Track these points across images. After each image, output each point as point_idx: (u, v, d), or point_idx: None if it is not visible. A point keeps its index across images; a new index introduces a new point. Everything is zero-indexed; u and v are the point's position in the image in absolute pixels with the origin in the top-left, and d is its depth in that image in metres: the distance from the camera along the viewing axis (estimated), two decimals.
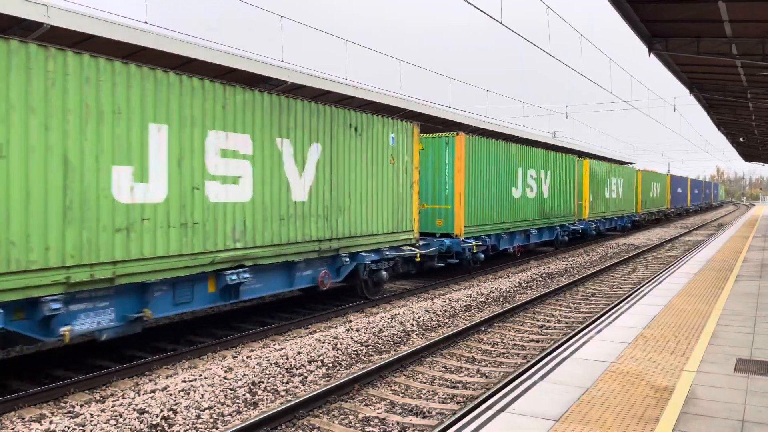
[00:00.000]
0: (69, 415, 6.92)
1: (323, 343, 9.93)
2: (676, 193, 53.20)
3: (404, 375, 8.78)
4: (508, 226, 19.96)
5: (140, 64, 8.69)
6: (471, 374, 8.93)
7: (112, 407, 7.07)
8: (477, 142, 18.04)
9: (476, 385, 8.35)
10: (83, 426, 6.55)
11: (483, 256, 18.10)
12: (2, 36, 7.13)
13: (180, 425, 6.70)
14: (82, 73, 7.86)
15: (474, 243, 17.34)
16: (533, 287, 16.59)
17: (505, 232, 19.81)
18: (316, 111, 11.79)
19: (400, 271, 14.85)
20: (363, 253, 13.06)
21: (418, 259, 15.03)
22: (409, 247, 14.65)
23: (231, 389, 7.74)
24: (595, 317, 12.17)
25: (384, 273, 13.90)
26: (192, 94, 9.33)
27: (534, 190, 21.94)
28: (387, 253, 13.84)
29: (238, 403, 7.41)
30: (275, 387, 8.00)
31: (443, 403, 7.67)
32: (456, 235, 17.01)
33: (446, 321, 12.23)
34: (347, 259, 12.63)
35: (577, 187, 27.08)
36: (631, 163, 51.57)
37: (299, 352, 9.35)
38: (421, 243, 15.44)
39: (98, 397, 7.63)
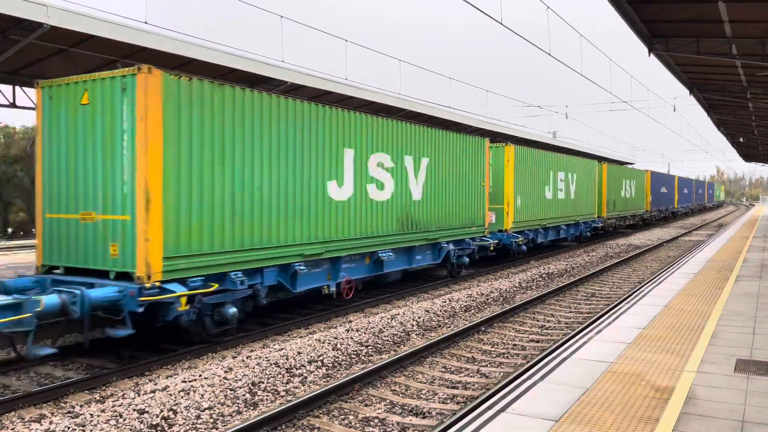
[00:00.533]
0: (69, 415, 6.92)
1: (323, 343, 9.93)
2: (659, 193, 45.94)
3: (404, 375, 8.78)
4: (319, 248, 11.92)
5: None
6: (471, 374, 8.93)
7: (112, 407, 7.07)
8: (203, 91, 9.60)
9: (476, 386, 8.35)
10: (83, 426, 6.55)
11: (235, 311, 9.98)
12: None
13: (180, 425, 6.70)
14: None
15: (182, 293, 9.04)
16: (533, 287, 16.58)
17: (307, 259, 11.73)
18: None
19: None
20: None
21: None
22: None
23: (231, 389, 7.74)
24: (595, 317, 12.16)
25: None
26: None
27: (389, 188, 14.05)
28: None
29: (237, 403, 7.41)
30: (275, 387, 8.01)
31: (443, 403, 7.67)
32: (138, 278, 8.75)
33: (446, 321, 12.23)
34: None
35: (492, 183, 19.56)
36: (631, 164, 51.28)
37: (299, 353, 9.35)
38: None
39: (98, 398, 7.63)
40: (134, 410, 6.95)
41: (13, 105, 14.60)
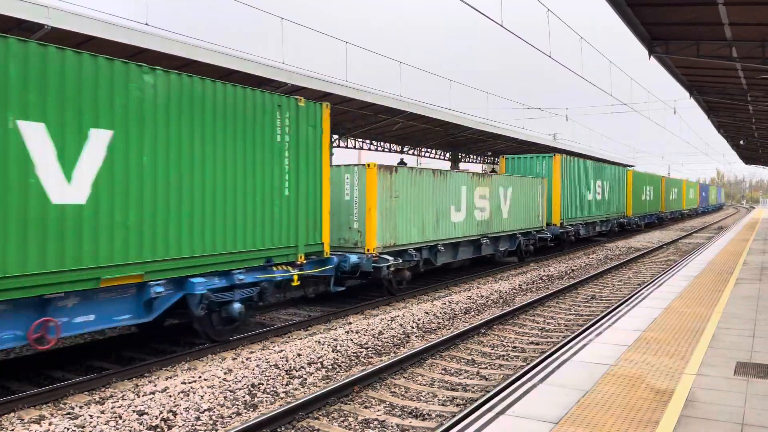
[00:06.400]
0: (68, 416, 6.92)
1: (323, 345, 9.93)
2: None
3: (404, 377, 8.77)
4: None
5: None
6: (471, 376, 8.93)
7: (112, 409, 7.06)
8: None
9: (476, 388, 8.34)
10: (82, 427, 6.54)
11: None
12: None
13: (179, 427, 6.70)
14: None
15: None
16: (533, 290, 16.58)
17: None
18: None
19: None
20: None
21: None
22: None
23: (230, 391, 7.74)
24: (595, 320, 12.16)
25: None
26: None
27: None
28: None
29: (237, 404, 7.40)
30: (275, 389, 8.00)
31: (443, 405, 7.67)
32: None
33: (446, 323, 12.23)
34: None
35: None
36: (632, 166, 51.21)
37: (299, 354, 9.35)
38: None
39: (98, 399, 7.63)
40: (134, 411, 6.95)
41: None
